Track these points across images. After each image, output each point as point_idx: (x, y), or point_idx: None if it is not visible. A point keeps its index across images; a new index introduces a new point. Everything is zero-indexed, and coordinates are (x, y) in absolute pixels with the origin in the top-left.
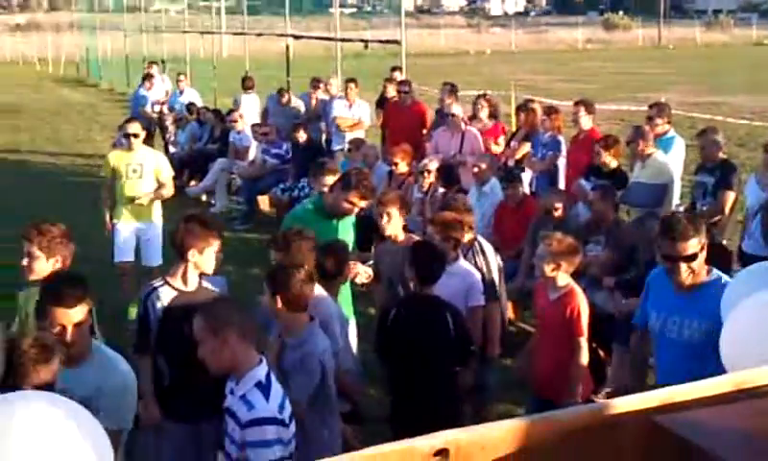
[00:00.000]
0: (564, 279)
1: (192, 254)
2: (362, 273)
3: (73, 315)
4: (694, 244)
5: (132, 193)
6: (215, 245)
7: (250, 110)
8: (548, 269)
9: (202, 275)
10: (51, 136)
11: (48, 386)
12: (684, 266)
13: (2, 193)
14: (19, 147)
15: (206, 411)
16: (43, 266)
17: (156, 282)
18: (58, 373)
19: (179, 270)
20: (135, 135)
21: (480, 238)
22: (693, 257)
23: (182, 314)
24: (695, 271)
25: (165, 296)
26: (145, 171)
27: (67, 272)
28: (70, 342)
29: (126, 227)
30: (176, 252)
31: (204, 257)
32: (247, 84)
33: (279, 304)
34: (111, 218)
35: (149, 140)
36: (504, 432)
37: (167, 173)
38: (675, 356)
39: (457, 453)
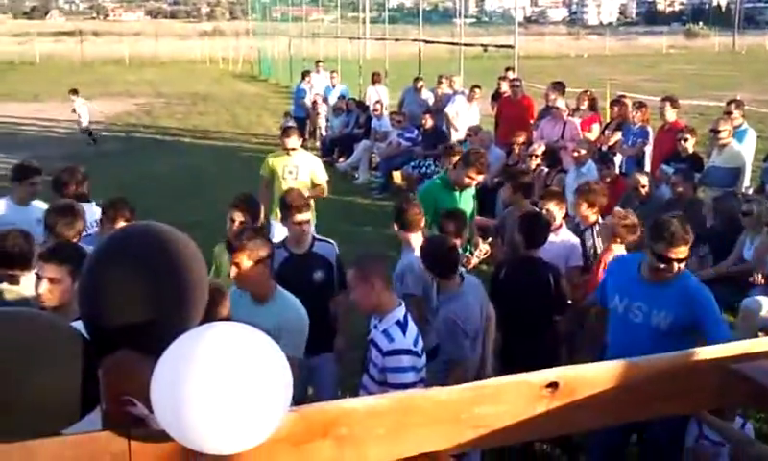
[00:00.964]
0: (619, 249)
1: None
2: (481, 249)
3: (240, 258)
4: (686, 248)
5: None
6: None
7: (374, 98)
8: (611, 238)
9: (315, 239)
10: (230, 120)
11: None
12: (675, 266)
13: (196, 166)
14: (207, 129)
15: (321, 346)
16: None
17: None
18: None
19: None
20: (294, 149)
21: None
22: (685, 259)
23: (293, 271)
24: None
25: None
26: (300, 173)
27: (251, 227)
28: (252, 283)
29: (279, 224)
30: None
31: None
32: (374, 78)
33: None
34: (266, 215)
35: (304, 125)
36: (604, 371)
37: (322, 176)
38: (639, 337)
39: (565, 386)
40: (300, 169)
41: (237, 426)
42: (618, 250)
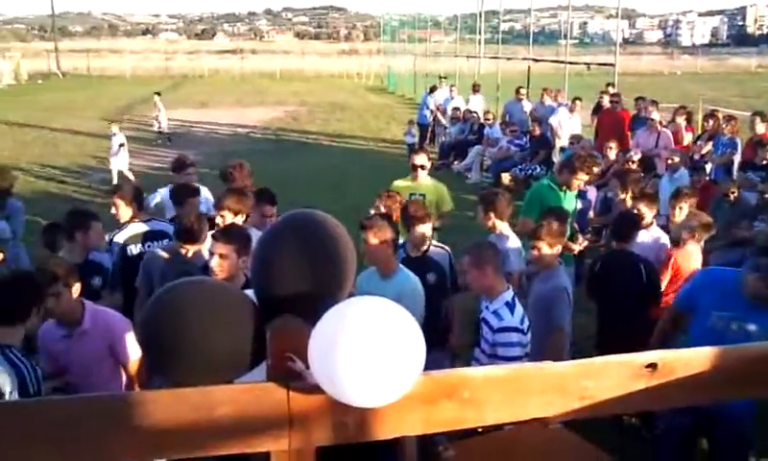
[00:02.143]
0: (694, 248)
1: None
2: (580, 243)
3: (369, 239)
4: None
5: None
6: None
7: (476, 105)
8: (686, 235)
9: (432, 245)
10: (362, 126)
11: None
12: None
13: (333, 164)
14: (343, 133)
15: (432, 343)
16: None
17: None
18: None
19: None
20: (422, 167)
21: None
22: None
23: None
24: None
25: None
26: (426, 201)
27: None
28: (378, 258)
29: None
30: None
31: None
32: (475, 88)
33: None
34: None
35: (426, 131)
36: (701, 355)
37: (448, 204)
38: None
39: (664, 367)
40: (427, 197)
41: (379, 385)
42: (693, 248)
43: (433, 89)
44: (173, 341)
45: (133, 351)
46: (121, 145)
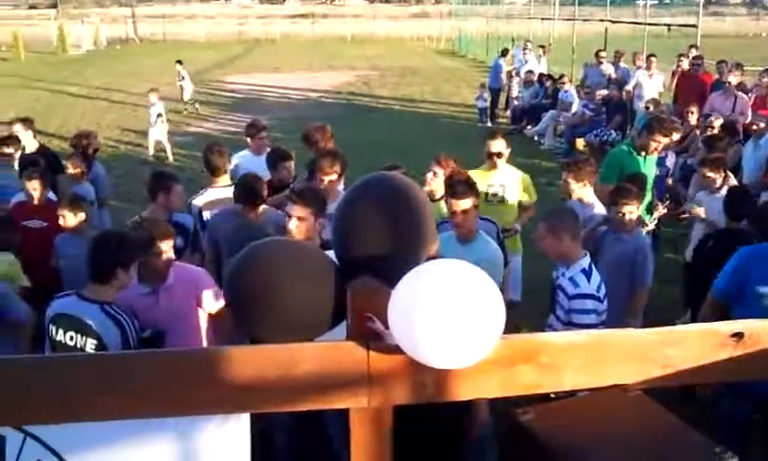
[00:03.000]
0: None
1: None
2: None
3: (462, 204)
4: None
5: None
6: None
7: (542, 67)
8: None
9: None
10: (433, 90)
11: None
12: None
13: (404, 128)
14: (413, 97)
15: None
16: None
17: None
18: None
19: None
20: (499, 155)
21: None
22: None
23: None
24: None
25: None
26: (508, 191)
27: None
28: (462, 223)
29: None
30: None
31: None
32: (544, 50)
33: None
34: None
35: (497, 96)
36: None
37: (533, 195)
38: None
39: (750, 336)
40: (508, 188)
41: (459, 347)
42: None
43: (505, 52)
44: (258, 299)
45: (217, 302)
46: (159, 115)
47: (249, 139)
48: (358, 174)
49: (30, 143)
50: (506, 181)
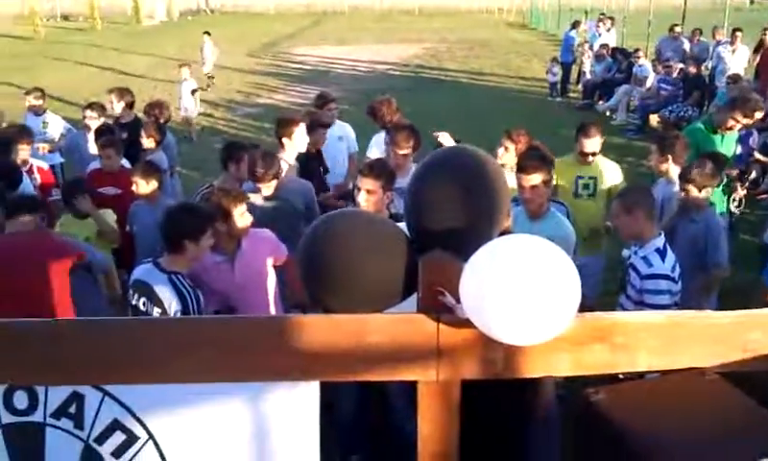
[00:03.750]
0: None
1: None
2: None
3: (531, 179)
4: None
5: (586, 221)
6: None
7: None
8: None
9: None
10: (502, 64)
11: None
12: None
13: (471, 102)
14: (482, 71)
15: None
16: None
17: None
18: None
19: None
20: (593, 154)
21: None
22: None
23: None
24: None
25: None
26: (600, 189)
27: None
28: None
29: None
30: None
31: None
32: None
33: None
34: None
35: (569, 70)
36: None
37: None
38: None
39: None
40: (601, 181)
41: (533, 324)
42: None
43: (576, 25)
44: (330, 269)
45: (284, 251)
46: (194, 91)
47: (317, 110)
48: (424, 148)
49: (122, 112)
50: (599, 174)
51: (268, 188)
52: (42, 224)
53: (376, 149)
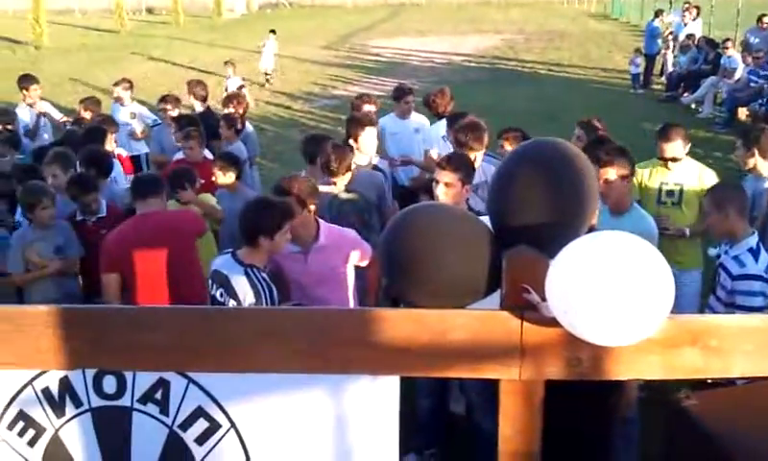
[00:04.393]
0: None
1: None
2: None
3: (605, 173)
4: None
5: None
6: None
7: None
8: None
9: None
10: (582, 55)
11: None
12: None
13: (550, 94)
14: (561, 62)
15: None
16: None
17: None
18: None
19: None
20: (674, 160)
21: None
22: None
23: None
24: None
25: None
26: (685, 197)
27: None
28: (615, 194)
29: None
30: None
31: None
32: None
33: None
34: None
35: (652, 62)
36: None
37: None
38: None
39: None
40: (686, 189)
41: (624, 324)
42: None
43: (660, 14)
44: (413, 263)
45: (365, 261)
46: (240, 87)
47: (394, 102)
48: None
49: (197, 105)
50: (685, 179)
51: (342, 181)
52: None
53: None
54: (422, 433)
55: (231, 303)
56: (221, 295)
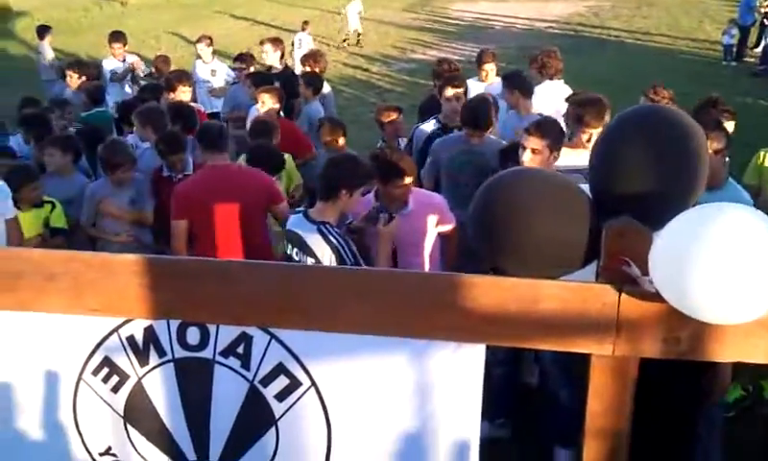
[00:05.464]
0: None
1: None
2: None
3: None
4: None
5: None
6: None
7: None
8: None
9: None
10: (671, 24)
11: None
12: None
13: (635, 64)
14: (648, 31)
15: None
16: None
17: None
18: None
19: None
20: None
21: None
22: None
23: None
24: None
25: None
26: None
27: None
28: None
29: None
30: None
31: None
32: None
33: None
34: None
35: (747, 33)
36: None
37: None
38: None
39: None
40: None
41: (737, 301)
42: None
43: None
44: (506, 227)
45: (451, 226)
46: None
47: (477, 66)
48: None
49: (275, 61)
50: None
51: (478, 137)
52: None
53: None
54: (495, 402)
55: (309, 261)
56: (296, 254)
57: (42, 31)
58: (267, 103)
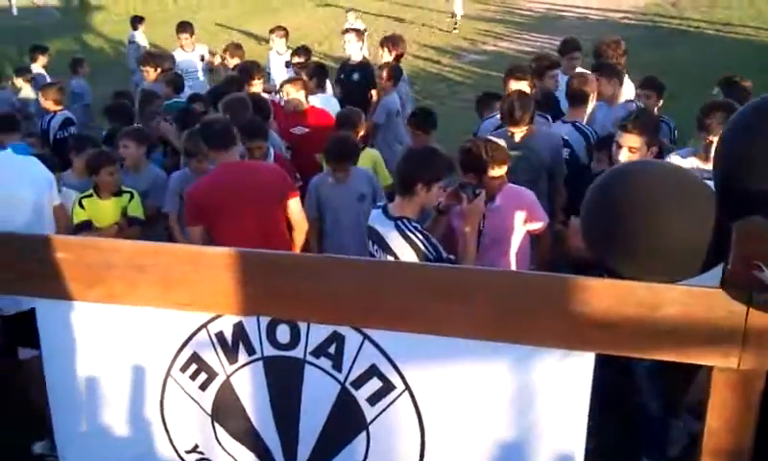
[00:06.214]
0: None
1: None
2: None
3: None
4: None
5: None
6: None
7: None
8: None
9: None
10: (755, 15)
11: None
12: None
13: (715, 58)
14: (731, 22)
15: None
16: None
17: None
18: None
19: None
20: None
21: None
22: None
23: None
24: None
25: None
26: None
27: None
28: None
29: None
30: None
31: None
32: None
33: None
34: None
35: None
36: None
37: None
38: None
39: None
40: None
41: None
42: None
43: None
44: (625, 225)
45: (544, 219)
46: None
47: (560, 57)
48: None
49: (355, 53)
50: None
51: (520, 133)
52: None
53: None
54: None
55: (389, 258)
56: (376, 251)
57: (136, 21)
58: (291, 93)
